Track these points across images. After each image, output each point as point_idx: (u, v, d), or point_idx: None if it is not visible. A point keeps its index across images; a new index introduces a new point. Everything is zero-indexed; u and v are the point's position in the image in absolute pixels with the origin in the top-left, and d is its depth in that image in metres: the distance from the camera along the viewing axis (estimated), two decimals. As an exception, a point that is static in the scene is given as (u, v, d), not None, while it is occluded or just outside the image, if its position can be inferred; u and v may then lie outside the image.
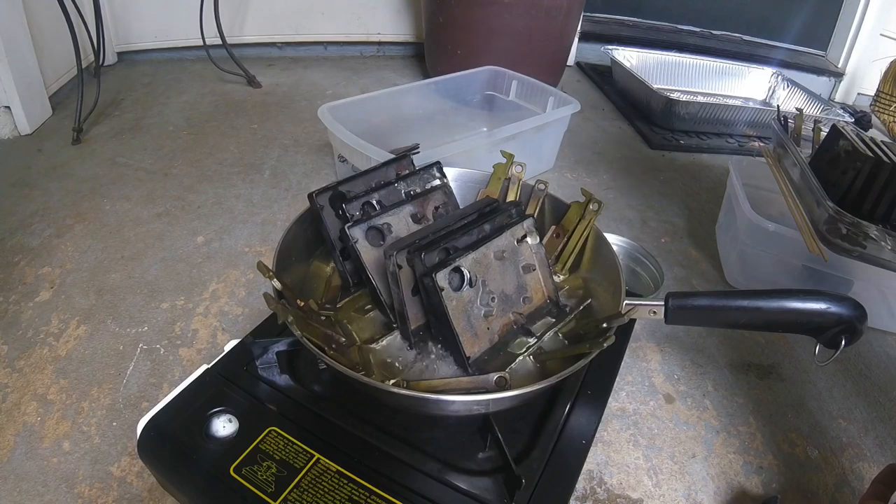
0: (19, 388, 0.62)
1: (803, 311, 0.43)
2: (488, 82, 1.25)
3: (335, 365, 0.40)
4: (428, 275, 0.44)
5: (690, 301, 0.45)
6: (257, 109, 1.34)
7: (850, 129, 0.79)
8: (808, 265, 0.78)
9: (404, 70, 1.69)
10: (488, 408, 0.43)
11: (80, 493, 0.52)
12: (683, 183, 1.18)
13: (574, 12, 1.44)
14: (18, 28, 1.08)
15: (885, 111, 1.48)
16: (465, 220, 0.51)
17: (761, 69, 1.63)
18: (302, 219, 0.54)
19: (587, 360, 0.43)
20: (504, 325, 0.49)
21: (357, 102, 1.04)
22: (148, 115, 1.27)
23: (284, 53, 1.71)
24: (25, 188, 0.97)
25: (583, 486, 0.56)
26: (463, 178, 0.63)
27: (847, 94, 1.85)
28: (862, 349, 0.77)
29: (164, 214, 0.93)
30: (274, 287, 0.46)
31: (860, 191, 0.71)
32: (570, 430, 0.47)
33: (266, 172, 1.08)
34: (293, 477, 0.41)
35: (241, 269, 0.82)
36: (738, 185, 0.84)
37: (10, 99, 1.09)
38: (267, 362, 0.48)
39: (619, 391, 0.67)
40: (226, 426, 0.44)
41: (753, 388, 0.70)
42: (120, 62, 1.55)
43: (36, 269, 0.79)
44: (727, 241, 0.91)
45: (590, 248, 0.58)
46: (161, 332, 0.70)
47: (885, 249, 0.64)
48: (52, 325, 0.70)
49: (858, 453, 0.63)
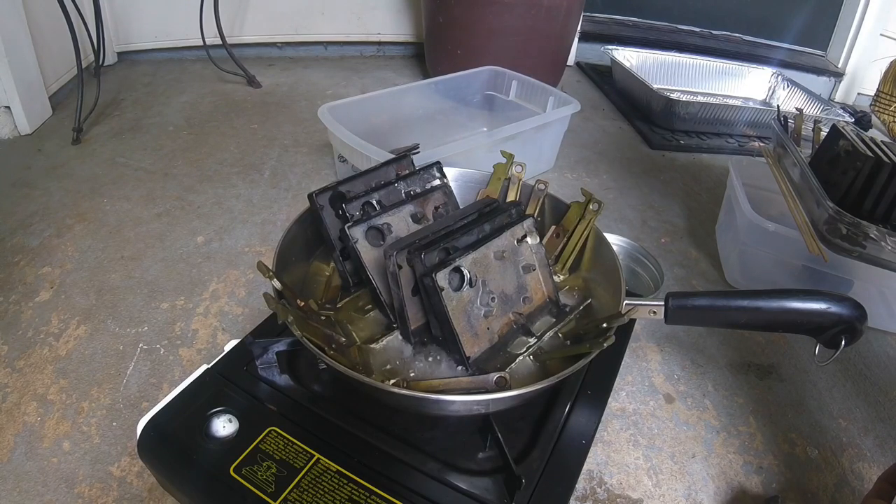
0: (19, 388, 0.62)
1: (803, 311, 0.43)
2: (488, 82, 1.25)
3: (335, 365, 0.40)
4: (428, 275, 0.44)
5: (690, 301, 0.45)
6: (257, 109, 1.34)
7: (850, 129, 0.79)
8: (808, 265, 0.78)
9: (404, 70, 1.69)
10: (488, 408, 0.43)
11: (80, 493, 0.52)
12: (683, 183, 1.18)
13: (574, 12, 1.44)
14: (18, 28, 1.08)
15: (885, 111, 1.48)
16: (465, 220, 0.51)
17: (761, 69, 1.63)
18: (302, 219, 0.54)
19: (587, 360, 0.43)
20: (504, 325, 0.49)
21: (357, 102, 1.04)
22: (148, 115, 1.27)
23: (284, 53, 1.71)
24: (25, 188, 0.97)
25: (583, 486, 0.56)
26: (463, 178, 0.63)
27: (847, 94, 1.85)
28: (862, 349, 0.77)
29: (164, 214, 0.93)
30: (274, 287, 0.46)
31: (860, 191, 0.71)
32: (570, 430, 0.47)
33: (266, 172, 1.08)
34: (293, 477, 0.41)
35: (241, 269, 0.82)
36: (738, 185, 0.84)
37: (10, 99, 1.09)
38: (267, 362, 0.48)
39: (619, 391, 0.67)
40: (226, 426, 0.44)
41: (753, 388, 0.70)
42: (120, 62, 1.55)
43: (36, 269, 0.79)
44: (727, 241, 0.91)
45: (590, 248, 0.58)
46: (161, 332, 0.70)
47: (885, 249, 0.64)
48: (52, 325, 0.70)
49: (858, 453, 0.63)
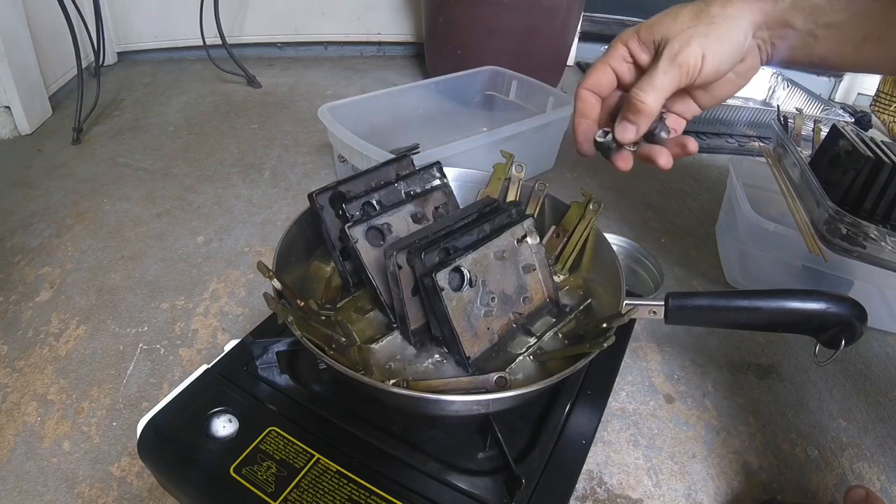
0: (19, 388, 0.62)
1: (803, 311, 0.43)
2: (488, 82, 1.25)
3: (335, 365, 0.40)
4: (428, 275, 0.44)
5: (690, 301, 0.45)
6: (257, 109, 1.34)
7: (850, 129, 0.79)
8: (808, 265, 0.78)
9: (404, 70, 1.69)
10: (488, 408, 0.43)
11: (80, 493, 0.52)
12: (683, 183, 1.18)
13: (574, 12, 1.44)
14: (18, 28, 1.08)
15: (885, 111, 1.48)
16: (465, 220, 0.51)
17: (761, 69, 1.63)
18: (302, 219, 0.54)
19: (587, 360, 0.43)
20: (504, 325, 0.49)
21: (357, 102, 1.04)
22: (148, 115, 1.27)
23: (284, 53, 1.71)
24: (25, 188, 0.97)
25: (583, 486, 0.56)
26: (463, 178, 0.63)
27: (847, 94, 1.85)
28: (862, 349, 0.77)
29: (164, 214, 0.93)
30: (274, 287, 0.46)
31: (860, 191, 0.71)
32: (570, 430, 0.47)
33: (266, 172, 1.08)
34: (293, 477, 0.41)
35: (241, 269, 0.82)
36: (738, 185, 0.84)
37: (10, 99, 1.09)
38: (267, 362, 0.48)
39: (619, 391, 0.67)
40: (226, 426, 0.44)
41: (753, 388, 0.70)
42: (120, 62, 1.55)
43: (36, 269, 0.79)
44: (727, 241, 0.91)
45: (590, 248, 0.58)
46: (161, 332, 0.70)
47: (885, 249, 0.64)
48: (52, 325, 0.70)
49: (858, 453, 0.63)
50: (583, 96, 0.44)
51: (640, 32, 0.41)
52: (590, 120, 0.45)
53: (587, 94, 0.44)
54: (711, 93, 0.43)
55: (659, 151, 0.43)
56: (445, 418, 0.47)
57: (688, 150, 0.43)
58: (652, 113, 0.40)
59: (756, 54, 0.41)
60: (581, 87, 0.44)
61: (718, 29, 0.38)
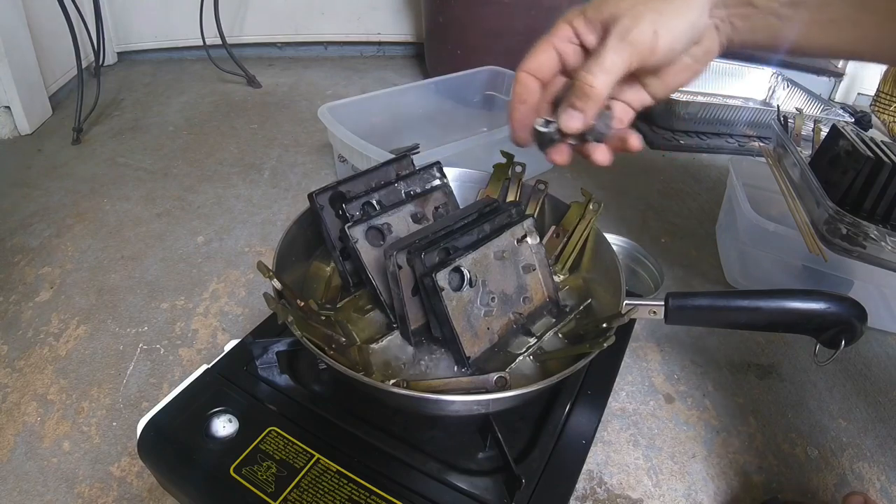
0: (19, 388, 0.62)
1: (803, 311, 0.43)
2: (488, 82, 1.25)
3: (335, 365, 0.40)
4: (428, 275, 0.44)
5: (690, 301, 0.45)
6: (257, 109, 1.34)
7: (850, 129, 0.79)
8: (808, 265, 0.78)
9: (404, 70, 1.69)
10: (488, 408, 0.43)
11: (80, 493, 0.52)
12: (683, 183, 1.18)
13: (574, 12, 1.44)
14: (18, 28, 1.09)
15: (885, 111, 1.48)
16: (465, 220, 0.51)
17: (761, 69, 1.63)
18: (302, 219, 0.54)
19: (587, 360, 0.43)
20: (504, 325, 0.49)
21: (357, 102, 1.04)
22: (148, 115, 1.27)
23: (284, 53, 1.71)
24: (25, 188, 0.97)
25: (583, 486, 0.56)
26: (463, 178, 0.63)
27: (847, 94, 1.85)
28: (862, 349, 0.77)
29: (164, 214, 0.93)
30: (274, 287, 0.46)
31: (860, 191, 0.71)
32: (570, 430, 0.47)
33: (266, 172, 1.08)
34: (293, 477, 0.41)
35: (241, 269, 0.82)
36: (738, 185, 0.84)
37: (10, 99, 1.09)
38: (267, 362, 0.48)
39: (619, 391, 0.67)
40: (226, 426, 0.44)
41: (753, 388, 0.70)
42: (120, 62, 1.55)
43: (36, 269, 0.79)
44: (727, 241, 0.91)
45: (590, 248, 0.58)
46: (161, 332, 0.70)
47: (885, 249, 0.64)
48: (52, 325, 0.70)
49: (858, 453, 0.63)
50: (522, 79, 0.40)
51: (587, 11, 0.37)
52: (528, 106, 0.41)
53: (527, 78, 0.40)
54: (664, 79, 0.40)
55: (596, 146, 0.39)
56: (445, 418, 0.47)
57: (628, 146, 0.39)
58: (601, 97, 0.36)
59: (714, 35, 0.37)
60: (520, 69, 0.40)
61: (672, 4, 0.35)
